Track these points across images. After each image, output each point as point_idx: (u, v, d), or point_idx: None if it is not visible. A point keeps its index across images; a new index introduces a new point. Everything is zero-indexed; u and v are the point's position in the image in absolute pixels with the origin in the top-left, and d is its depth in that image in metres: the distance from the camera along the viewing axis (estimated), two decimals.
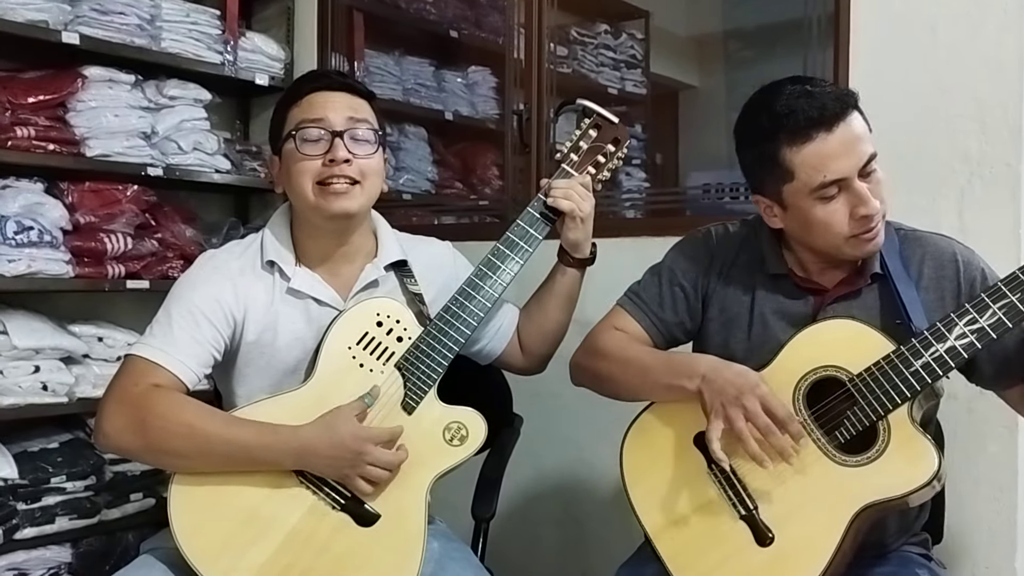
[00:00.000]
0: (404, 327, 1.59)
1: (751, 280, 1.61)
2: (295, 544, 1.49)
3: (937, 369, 1.38)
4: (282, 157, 1.65)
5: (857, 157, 1.42)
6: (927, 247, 1.54)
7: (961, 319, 1.37)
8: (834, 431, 1.44)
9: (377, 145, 1.64)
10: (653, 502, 1.54)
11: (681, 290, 1.65)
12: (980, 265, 1.52)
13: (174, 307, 1.57)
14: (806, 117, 1.42)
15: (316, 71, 2.79)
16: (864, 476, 1.40)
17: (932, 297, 1.50)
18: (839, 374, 1.45)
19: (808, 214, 1.47)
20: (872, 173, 1.45)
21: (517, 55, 2.65)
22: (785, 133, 1.44)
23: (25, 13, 2.40)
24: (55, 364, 2.46)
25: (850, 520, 1.39)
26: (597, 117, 1.71)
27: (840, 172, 1.42)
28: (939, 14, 1.91)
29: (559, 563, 2.50)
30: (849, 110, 1.44)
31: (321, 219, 1.61)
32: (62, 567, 2.51)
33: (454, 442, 1.56)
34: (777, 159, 1.46)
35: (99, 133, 2.55)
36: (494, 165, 3.29)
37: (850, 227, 1.45)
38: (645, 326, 1.65)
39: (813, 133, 1.42)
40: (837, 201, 1.44)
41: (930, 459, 1.37)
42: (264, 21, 3.16)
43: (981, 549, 1.87)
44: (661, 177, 3.62)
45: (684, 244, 1.70)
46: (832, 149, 1.42)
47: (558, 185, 1.66)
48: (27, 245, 2.39)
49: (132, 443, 1.50)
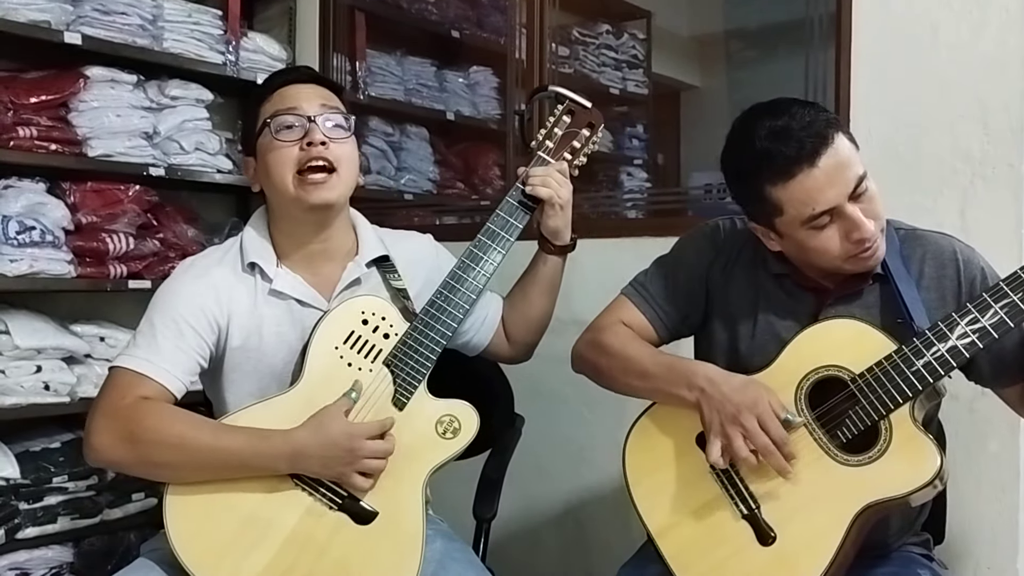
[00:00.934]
0: (390, 324, 1.59)
1: (754, 277, 1.60)
2: (294, 547, 1.48)
3: (939, 368, 1.37)
4: (257, 153, 1.64)
5: (844, 184, 1.40)
6: (927, 246, 1.53)
7: (963, 318, 1.37)
8: (836, 430, 1.44)
9: (350, 132, 1.64)
10: (655, 502, 1.54)
11: (687, 283, 1.65)
12: (980, 264, 1.52)
13: (157, 317, 1.56)
14: (784, 158, 1.40)
15: (284, 68, 2.79)
16: (866, 475, 1.40)
17: (933, 296, 1.50)
18: (841, 374, 1.44)
19: (803, 243, 1.46)
20: (864, 193, 1.42)
21: (519, 55, 2.65)
22: (767, 172, 1.42)
23: (27, 13, 2.40)
24: (57, 364, 2.47)
25: (852, 519, 1.39)
26: (570, 103, 1.71)
27: (829, 202, 1.40)
28: (941, 14, 1.90)
29: (561, 563, 2.50)
30: (829, 140, 1.40)
31: (300, 211, 1.61)
32: (64, 567, 2.51)
33: (447, 435, 1.56)
34: (763, 196, 1.44)
35: (101, 133, 2.55)
36: (496, 165, 3.29)
37: (846, 249, 1.44)
38: (650, 318, 1.65)
39: (795, 170, 1.39)
40: (831, 228, 1.42)
41: (932, 459, 1.37)
42: (266, 21, 3.16)
43: (983, 549, 1.87)
44: (663, 177, 3.62)
45: (691, 237, 1.69)
46: (817, 182, 1.39)
47: (535, 173, 1.66)
48: (29, 245, 2.39)
49: (123, 457, 1.49)
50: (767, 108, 1.46)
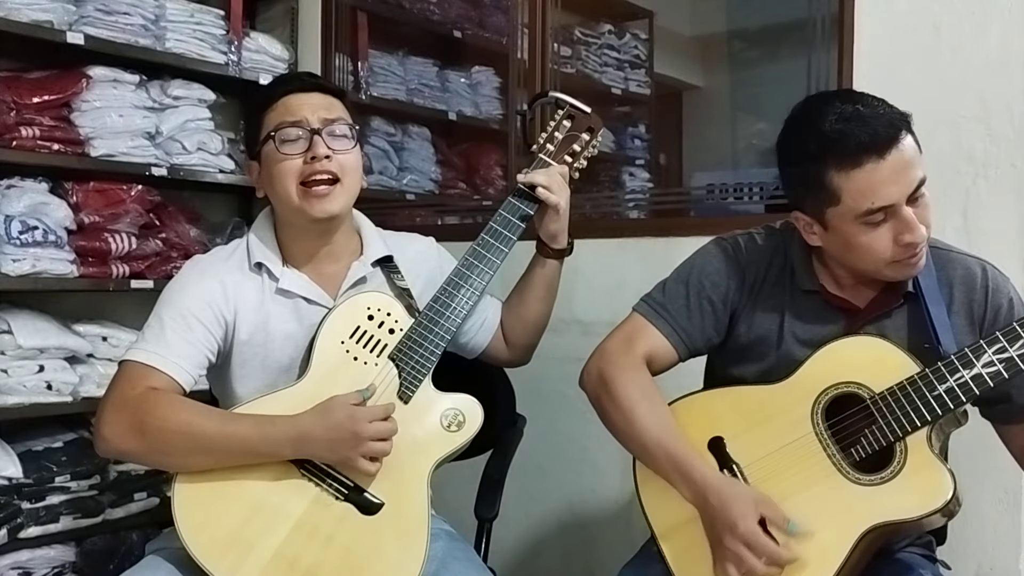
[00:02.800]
0: (395, 319, 1.61)
1: (781, 297, 1.56)
2: (300, 536, 1.49)
3: (961, 395, 1.35)
4: (262, 161, 1.67)
5: (907, 184, 1.36)
6: (959, 269, 1.50)
7: (991, 347, 1.35)
8: (850, 448, 1.43)
9: (354, 141, 1.66)
10: (662, 502, 1.52)
11: (710, 304, 1.58)
12: (1010, 293, 1.49)
13: (165, 311, 1.58)
14: (857, 143, 1.35)
15: (287, 74, 2.81)
16: (875, 496, 1.38)
17: (963, 322, 1.48)
18: (860, 391, 1.43)
19: (851, 239, 1.42)
20: (920, 198, 1.39)
21: (521, 55, 2.64)
22: (833, 157, 1.37)
23: (30, 13, 2.40)
24: (59, 363, 2.47)
25: (857, 538, 1.37)
26: (570, 108, 1.74)
27: (889, 199, 1.36)
28: (943, 14, 1.90)
29: (562, 563, 2.50)
30: (902, 134, 1.37)
31: (305, 221, 1.63)
32: (66, 566, 2.51)
33: (451, 428, 1.57)
34: (823, 182, 1.39)
35: (103, 133, 2.55)
36: (498, 165, 3.29)
37: (893, 252, 1.40)
38: (672, 341, 1.58)
39: (864, 159, 1.35)
40: (883, 227, 1.39)
41: (945, 487, 1.35)
42: (268, 21, 3.16)
43: (985, 550, 1.87)
44: (665, 177, 3.62)
45: (713, 255, 1.61)
46: (883, 176, 1.35)
47: (538, 176, 1.68)
48: (32, 245, 2.39)
49: (133, 446, 1.50)
50: (836, 93, 1.44)
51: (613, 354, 1.58)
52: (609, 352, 1.58)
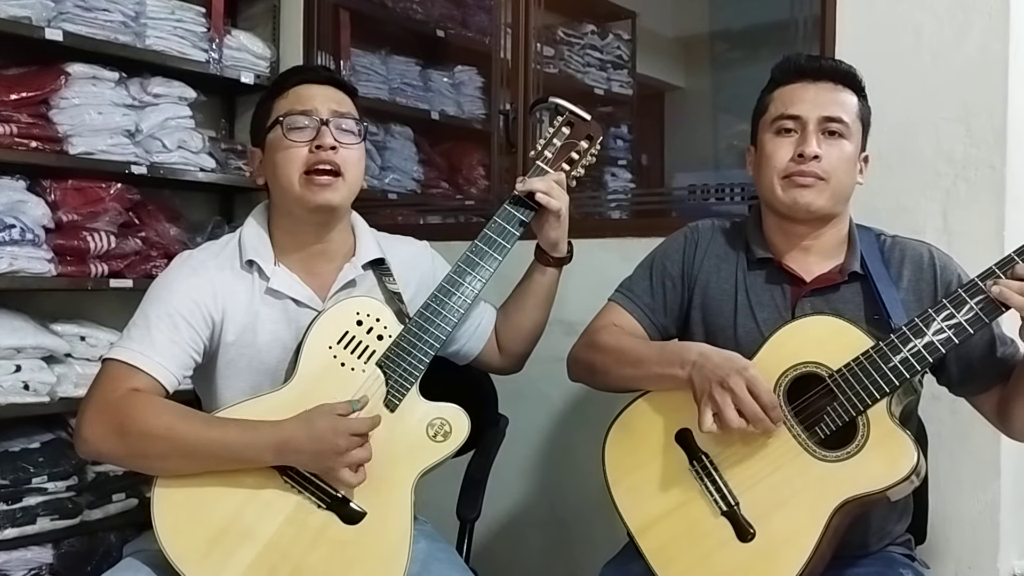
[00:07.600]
0: (384, 325, 1.59)
1: (733, 267, 1.64)
2: (281, 544, 1.48)
3: (915, 364, 1.39)
4: (266, 147, 1.65)
5: (822, 107, 1.54)
6: (907, 251, 1.60)
7: (938, 314, 1.39)
8: (814, 427, 1.45)
9: (361, 138, 1.65)
10: (635, 499, 1.54)
11: (670, 280, 1.68)
12: (956, 271, 1.57)
13: (151, 309, 1.56)
14: (798, 65, 1.59)
15: (302, 65, 2.78)
16: (844, 471, 1.41)
17: (912, 299, 1.55)
18: (819, 370, 1.45)
19: (763, 148, 1.58)
20: (835, 137, 1.54)
21: (504, 55, 2.64)
22: (779, 72, 1.61)
23: (8, 9, 2.37)
24: (37, 363, 2.44)
25: (830, 515, 1.40)
26: (570, 114, 1.73)
27: (800, 111, 1.54)
28: (924, 17, 1.92)
29: (544, 563, 2.50)
30: (843, 83, 1.56)
31: (304, 211, 1.61)
32: (43, 568, 2.48)
33: (437, 438, 1.56)
34: (764, 99, 1.61)
35: (82, 131, 2.52)
36: (480, 165, 3.30)
37: (787, 167, 1.54)
38: (638, 317, 1.68)
39: (797, 79, 1.57)
40: (788, 139, 1.55)
41: (909, 454, 1.38)
42: (250, 19, 3.14)
43: (964, 548, 1.88)
44: (647, 178, 3.63)
45: (674, 239, 1.73)
46: (805, 94, 1.56)
47: (536, 183, 1.66)
48: (9, 243, 2.37)
49: (113, 449, 1.49)
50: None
51: (590, 328, 1.71)
52: (587, 329, 1.71)
